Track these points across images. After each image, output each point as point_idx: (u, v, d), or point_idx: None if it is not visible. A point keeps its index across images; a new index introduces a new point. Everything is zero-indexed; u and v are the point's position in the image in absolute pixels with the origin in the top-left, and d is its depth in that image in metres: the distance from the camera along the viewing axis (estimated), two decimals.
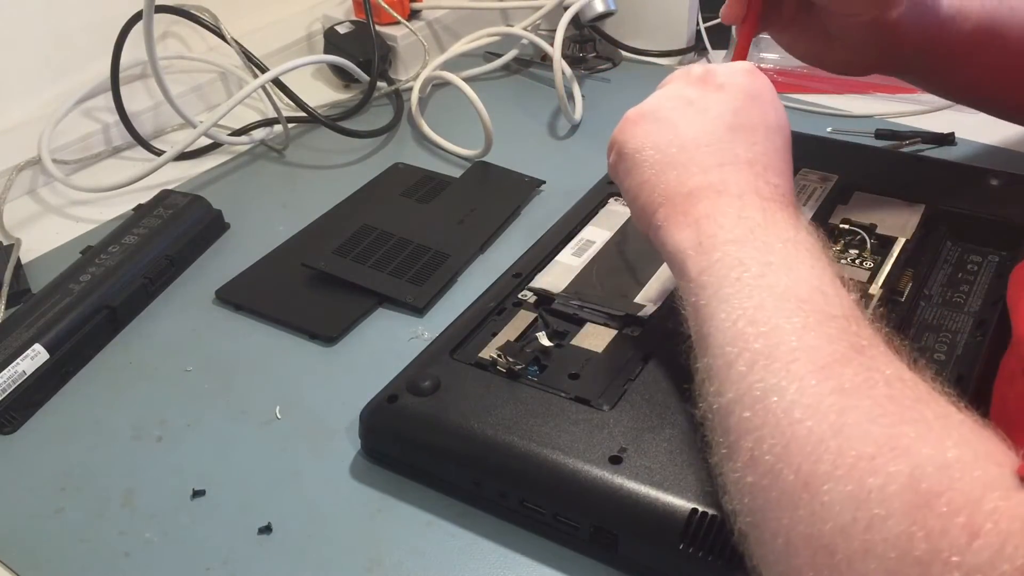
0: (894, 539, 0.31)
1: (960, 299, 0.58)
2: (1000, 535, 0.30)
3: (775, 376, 0.38)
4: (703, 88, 0.51)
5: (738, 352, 0.39)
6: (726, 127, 0.49)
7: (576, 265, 0.61)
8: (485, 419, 0.49)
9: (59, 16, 0.81)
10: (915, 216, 0.62)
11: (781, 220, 0.45)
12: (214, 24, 0.82)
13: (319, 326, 0.61)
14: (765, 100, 0.51)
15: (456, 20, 0.96)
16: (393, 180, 0.76)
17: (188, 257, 0.68)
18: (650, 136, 0.50)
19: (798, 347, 0.38)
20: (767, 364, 0.38)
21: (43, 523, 0.50)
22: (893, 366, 0.38)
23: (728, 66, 0.52)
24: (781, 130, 0.50)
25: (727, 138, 0.48)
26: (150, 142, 0.81)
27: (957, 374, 0.52)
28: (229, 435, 0.55)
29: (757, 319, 0.40)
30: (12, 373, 0.56)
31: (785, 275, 0.42)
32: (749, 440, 0.37)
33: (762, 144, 0.48)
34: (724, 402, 0.39)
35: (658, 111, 0.51)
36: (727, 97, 0.50)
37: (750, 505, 0.37)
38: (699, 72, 0.52)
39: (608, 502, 0.45)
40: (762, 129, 0.49)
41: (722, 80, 0.51)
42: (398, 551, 0.48)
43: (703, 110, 0.49)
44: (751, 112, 0.49)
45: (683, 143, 0.49)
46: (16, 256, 0.67)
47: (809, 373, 0.37)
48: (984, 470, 0.32)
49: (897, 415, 0.35)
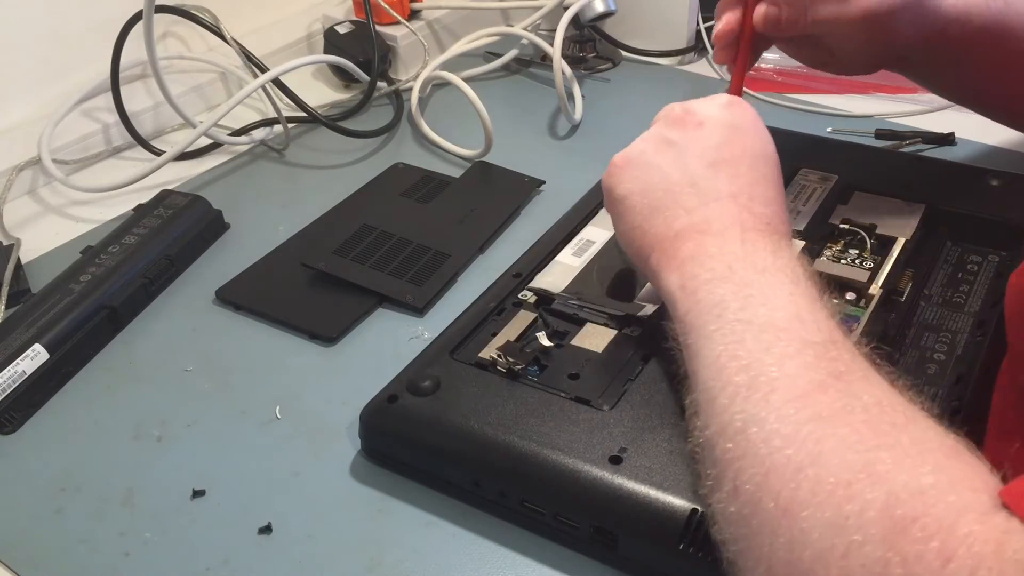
0: (871, 565, 0.32)
1: (960, 299, 0.58)
2: (973, 558, 0.30)
3: (755, 407, 0.39)
4: (683, 128, 0.51)
5: (721, 386, 0.40)
6: (707, 164, 0.49)
7: (576, 265, 0.61)
8: (485, 419, 0.49)
9: (59, 16, 0.81)
10: (915, 216, 0.62)
11: (761, 248, 0.46)
12: (214, 24, 0.82)
13: (319, 326, 0.61)
14: (747, 130, 0.51)
15: (456, 20, 0.96)
16: (393, 180, 0.76)
17: (188, 257, 0.68)
18: (636, 181, 0.51)
19: (777, 376, 0.39)
20: (747, 395, 0.39)
21: (43, 523, 0.50)
22: (871, 391, 0.38)
23: (707, 102, 0.53)
24: (766, 157, 0.51)
25: (709, 175, 0.49)
26: (150, 142, 0.81)
27: (957, 374, 0.52)
28: (229, 435, 0.55)
29: (738, 353, 0.41)
30: (12, 373, 0.56)
31: (763, 306, 0.43)
32: (731, 471, 0.38)
33: (746, 175, 0.49)
34: (709, 435, 0.40)
35: (642, 155, 0.51)
36: (707, 133, 0.50)
37: (735, 534, 0.38)
38: (678, 112, 0.52)
39: (608, 502, 0.45)
40: (745, 159, 0.50)
41: (701, 117, 0.51)
42: (398, 551, 0.48)
43: (684, 150, 0.50)
44: (733, 145, 0.50)
45: (667, 186, 0.49)
46: (16, 256, 0.67)
47: (787, 402, 0.38)
48: (959, 495, 0.33)
49: (874, 441, 0.35)
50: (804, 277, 0.45)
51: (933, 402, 0.50)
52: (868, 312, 0.55)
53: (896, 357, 0.50)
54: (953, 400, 0.50)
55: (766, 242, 0.46)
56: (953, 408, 0.49)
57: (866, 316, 0.55)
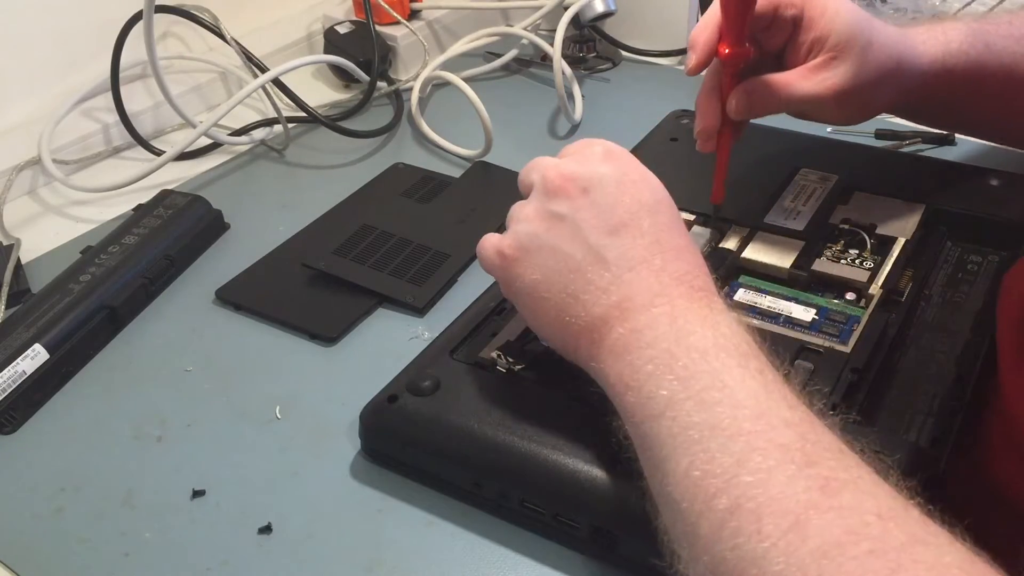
0: None
1: (960, 299, 0.58)
2: None
3: (748, 541, 0.35)
4: (568, 198, 0.46)
5: (699, 511, 0.37)
6: (608, 232, 0.45)
7: None
8: (485, 419, 0.49)
9: (59, 16, 0.81)
10: (915, 216, 0.62)
11: (693, 322, 0.42)
12: (214, 24, 0.82)
13: (319, 326, 0.61)
14: (634, 181, 0.47)
15: (456, 20, 0.96)
16: (393, 180, 0.76)
17: (188, 257, 0.68)
18: (538, 269, 0.46)
19: (763, 501, 0.35)
20: (736, 527, 0.35)
21: (43, 523, 0.50)
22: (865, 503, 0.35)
23: (583, 159, 0.48)
24: (660, 203, 0.47)
25: (614, 244, 0.45)
26: (150, 142, 0.81)
27: (957, 374, 0.52)
28: (229, 435, 0.55)
29: (709, 469, 0.37)
30: (12, 373, 0.56)
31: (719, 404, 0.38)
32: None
33: (649, 231, 0.45)
34: (700, 570, 0.36)
35: (534, 239, 0.47)
36: (596, 198, 0.46)
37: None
38: (556, 181, 0.47)
39: (608, 502, 0.45)
40: (643, 214, 0.45)
41: (584, 182, 0.46)
42: (398, 551, 0.48)
43: (578, 223, 0.45)
44: (626, 202, 0.46)
45: (573, 267, 0.45)
46: (16, 256, 0.67)
47: (783, 534, 0.34)
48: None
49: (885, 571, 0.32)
50: (747, 347, 0.41)
51: (933, 402, 0.50)
52: (868, 312, 0.55)
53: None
54: (953, 400, 0.50)
55: (696, 312, 0.42)
56: (953, 408, 0.49)
57: (866, 316, 0.55)
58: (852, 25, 0.56)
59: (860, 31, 0.56)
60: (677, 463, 0.38)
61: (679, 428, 0.39)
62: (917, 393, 0.51)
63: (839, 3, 0.57)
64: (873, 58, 0.56)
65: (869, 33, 0.56)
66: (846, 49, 0.56)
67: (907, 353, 0.54)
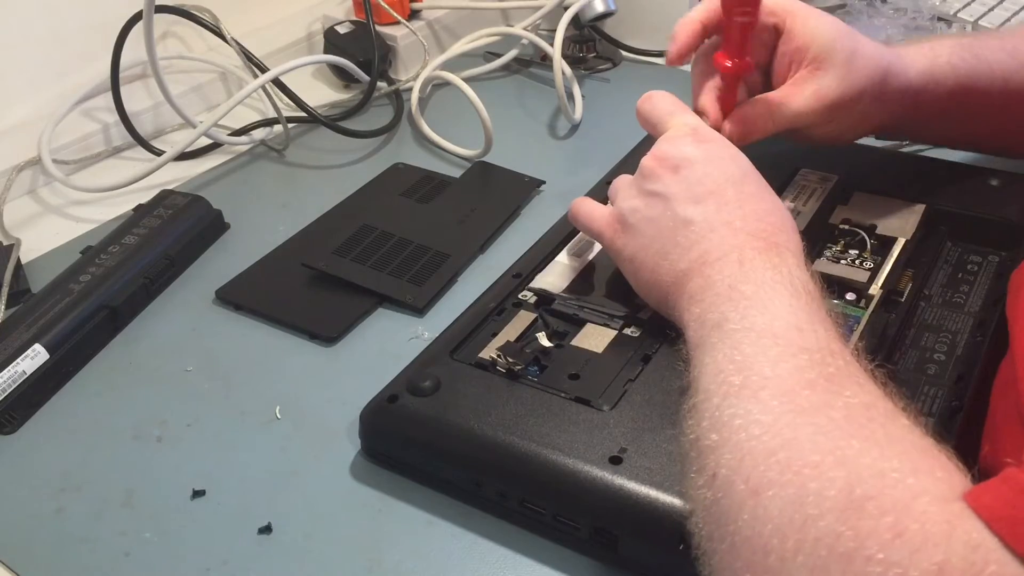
0: (824, 537, 0.33)
1: (960, 299, 0.58)
2: (923, 535, 0.31)
3: (744, 402, 0.40)
4: (662, 178, 0.52)
5: (717, 386, 0.42)
6: (695, 202, 0.51)
7: (576, 265, 0.61)
8: (485, 419, 0.49)
9: (59, 16, 0.81)
10: (915, 216, 0.62)
11: (759, 266, 0.47)
12: (214, 24, 0.82)
13: (319, 326, 0.61)
14: (720, 158, 0.52)
15: (456, 20, 0.96)
16: (393, 180, 0.76)
17: (188, 257, 0.68)
18: (638, 238, 0.53)
19: (770, 376, 0.40)
20: (739, 393, 0.40)
21: (43, 523, 0.50)
22: (858, 392, 0.39)
23: (675, 142, 0.53)
24: (746, 176, 0.52)
25: (699, 211, 0.50)
26: (150, 142, 0.81)
27: (957, 374, 0.52)
28: (229, 435, 0.55)
29: (735, 357, 0.42)
30: (12, 373, 0.56)
31: (762, 315, 0.44)
32: (712, 459, 0.39)
33: (733, 199, 0.50)
34: (699, 431, 0.41)
35: (635, 213, 0.53)
36: (685, 174, 0.52)
37: (705, 518, 0.39)
38: (652, 163, 0.53)
39: (608, 502, 0.45)
40: (727, 185, 0.51)
41: (675, 161, 0.52)
42: (398, 551, 0.48)
43: (670, 197, 0.51)
44: (712, 177, 0.51)
45: (665, 233, 0.51)
46: (16, 256, 0.67)
47: (773, 397, 0.39)
48: (918, 479, 0.34)
49: (847, 431, 0.37)
50: (804, 290, 0.45)
51: (933, 402, 0.50)
52: (868, 312, 0.55)
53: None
54: (953, 400, 0.50)
55: (764, 259, 0.47)
56: (953, 408, 0.49)
57: (866, 316, 0.55)
58: (833, 34, 0.57)
59: (842, 42, 0.57)
60: (712, 358, 0.43)
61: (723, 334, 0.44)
62: (917, 393, 0.51)
63: (820, 15, 0.58)
64: (859, 67, 0.57)
65: (853, 44, 0.57)
66: (828, 59, 0.56)
67: (907, 353, 0.54)
